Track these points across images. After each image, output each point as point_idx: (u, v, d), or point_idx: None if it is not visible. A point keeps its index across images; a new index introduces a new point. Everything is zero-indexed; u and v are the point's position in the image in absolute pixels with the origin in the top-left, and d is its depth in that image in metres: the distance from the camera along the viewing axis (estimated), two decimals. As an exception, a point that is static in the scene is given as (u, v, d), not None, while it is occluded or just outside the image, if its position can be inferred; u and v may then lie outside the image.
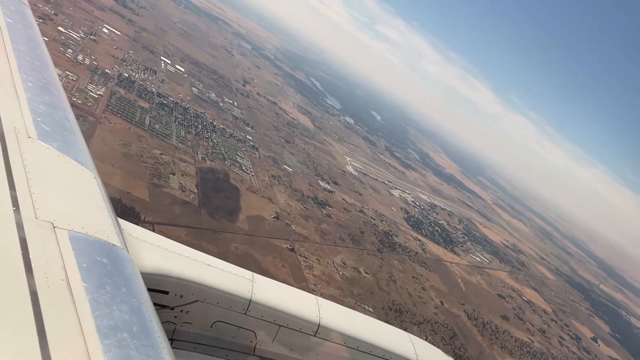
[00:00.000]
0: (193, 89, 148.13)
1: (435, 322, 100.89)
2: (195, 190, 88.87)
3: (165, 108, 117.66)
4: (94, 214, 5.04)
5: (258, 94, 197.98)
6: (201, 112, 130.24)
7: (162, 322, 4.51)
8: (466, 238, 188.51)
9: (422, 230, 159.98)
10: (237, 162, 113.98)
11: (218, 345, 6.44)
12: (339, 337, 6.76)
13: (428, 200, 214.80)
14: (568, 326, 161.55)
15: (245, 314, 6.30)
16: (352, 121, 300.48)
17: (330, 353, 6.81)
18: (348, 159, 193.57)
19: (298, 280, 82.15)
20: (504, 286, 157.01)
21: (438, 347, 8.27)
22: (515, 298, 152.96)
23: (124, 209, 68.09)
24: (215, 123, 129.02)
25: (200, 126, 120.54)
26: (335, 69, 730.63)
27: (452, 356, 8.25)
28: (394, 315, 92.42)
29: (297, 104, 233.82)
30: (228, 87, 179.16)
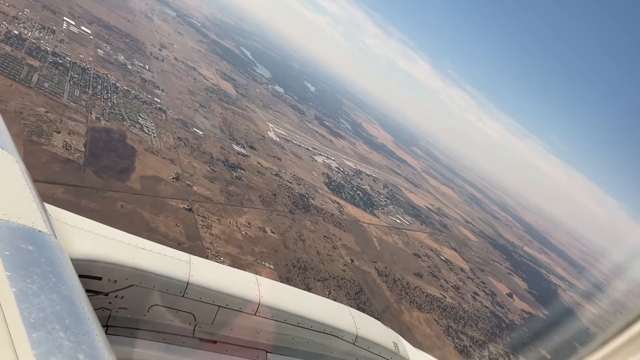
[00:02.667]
0: (98, 50, 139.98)
1: (342, 279, 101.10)
2: (82, 149, 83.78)
3: (59, 67, 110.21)
4: (16, 199, 4.76)
5: (176, 58, 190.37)
6: (103, 74, 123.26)
7: (96, 309, 4.33)
8: (388, 202, 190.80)
9: (342, 194, 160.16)
10: (139, 123, 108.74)
11: (156, 330, 6.20)
12: (279, 314, 6.68)
13: (354, 166, 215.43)
14: (485, 283, 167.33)
15: (182, 296, 6.06)
16: (281, 90, 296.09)
17: (271, 331, 6.75)
18: (271, 125, 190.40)
19: (192, 239, 79.54)
20: (421, 246, 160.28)
21: (341, 302, 8.58)
22: (432, 257, 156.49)
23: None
24: (118, 84, 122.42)
25: (99, 87, 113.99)
26: (272, 40, 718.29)
27: (352, 306, 8.32)
28: (297, 272, 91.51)
29: (220, 71, 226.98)
30: (141, 50, 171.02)
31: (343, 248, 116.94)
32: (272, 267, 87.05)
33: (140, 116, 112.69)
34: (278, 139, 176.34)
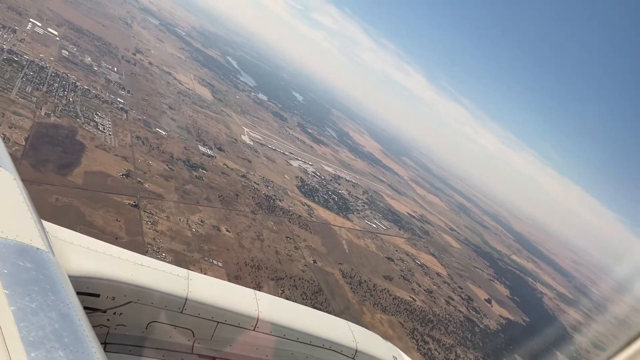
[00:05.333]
0: (63, 51, 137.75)
1: (300, 279, 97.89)
2: (23, 143, 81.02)
3: (13, 64, 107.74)
4: (14, 217, 4.79)
5: (150, 63, 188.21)
6: (64, 73, 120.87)
7: (94, 326, 4.32)
8: (366, 207, 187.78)
9: (315, 198, 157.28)
10: (94, 121, 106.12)
11: (154, 346, 6.18)
12: (278, 329, 6.63)
13: (333, 172, 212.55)
14: (462, 288, 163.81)
15: (181, 312, 6.03)
16: (265, 98, 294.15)
17: (270, 346, 6.70)
18: (246, 129, 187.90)
19: (132, 234, 76.48)
20: (396, 250, 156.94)
21: (294, 301, 8.38)
22: (407, 261, 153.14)
23: None
24: (78, 84, 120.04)
25: (56, 85, 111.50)
26: (263, 53, 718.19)
27: (306, 305, 8.10)
28: (250, 270, 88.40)
29: (198, 77, 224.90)
30: (112, 54, 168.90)
31: (306, 249, 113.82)
32: (220, 264, 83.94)
33: (97, 114, 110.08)
34: (252, 143, 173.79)
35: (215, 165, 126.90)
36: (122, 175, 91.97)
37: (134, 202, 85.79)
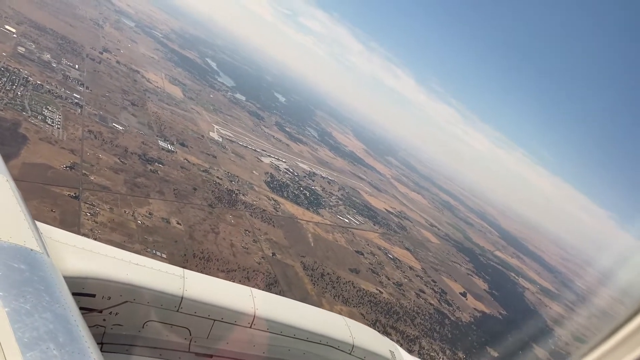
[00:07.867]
0: (19, 48, 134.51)
1: (255, 270, 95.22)
2: (-47, 134, 78.13)
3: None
4: (7, 218, 4.76)
5: (118, 62, 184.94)
6: (16, 68, 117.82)
7: (90, 326, 4.38)
8: (340, 202, 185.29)
9: (284, 193, 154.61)
10: (42, 114, 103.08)
11: (151, 345, 6.12)
12: (275, 326, 6.61)
13: (308, 169, 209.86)
14: (435, 282, 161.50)
15: (177, 311, 6.01)
16: (243, 98, 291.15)
17: (267, 343, 6.69)
18: (216, 127, 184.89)
19: (66, 225, 73.31)
20: (368, 244, 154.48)
21: None
22: (378, 255, 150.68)
23: None
24: (30, 79, 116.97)
25: (4, 79, 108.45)
26: (248, 56, 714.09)
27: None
28: (198, 262, 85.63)
29: (170, 76, 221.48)
30: (75, 52, 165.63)
31: (266, 242, 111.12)
32: (164, 255, 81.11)
33: (47, 108, 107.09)
34: (220, 139, 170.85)
35: (174, 160, 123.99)
36: (66, 167, 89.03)
37: (75, 193, 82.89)
